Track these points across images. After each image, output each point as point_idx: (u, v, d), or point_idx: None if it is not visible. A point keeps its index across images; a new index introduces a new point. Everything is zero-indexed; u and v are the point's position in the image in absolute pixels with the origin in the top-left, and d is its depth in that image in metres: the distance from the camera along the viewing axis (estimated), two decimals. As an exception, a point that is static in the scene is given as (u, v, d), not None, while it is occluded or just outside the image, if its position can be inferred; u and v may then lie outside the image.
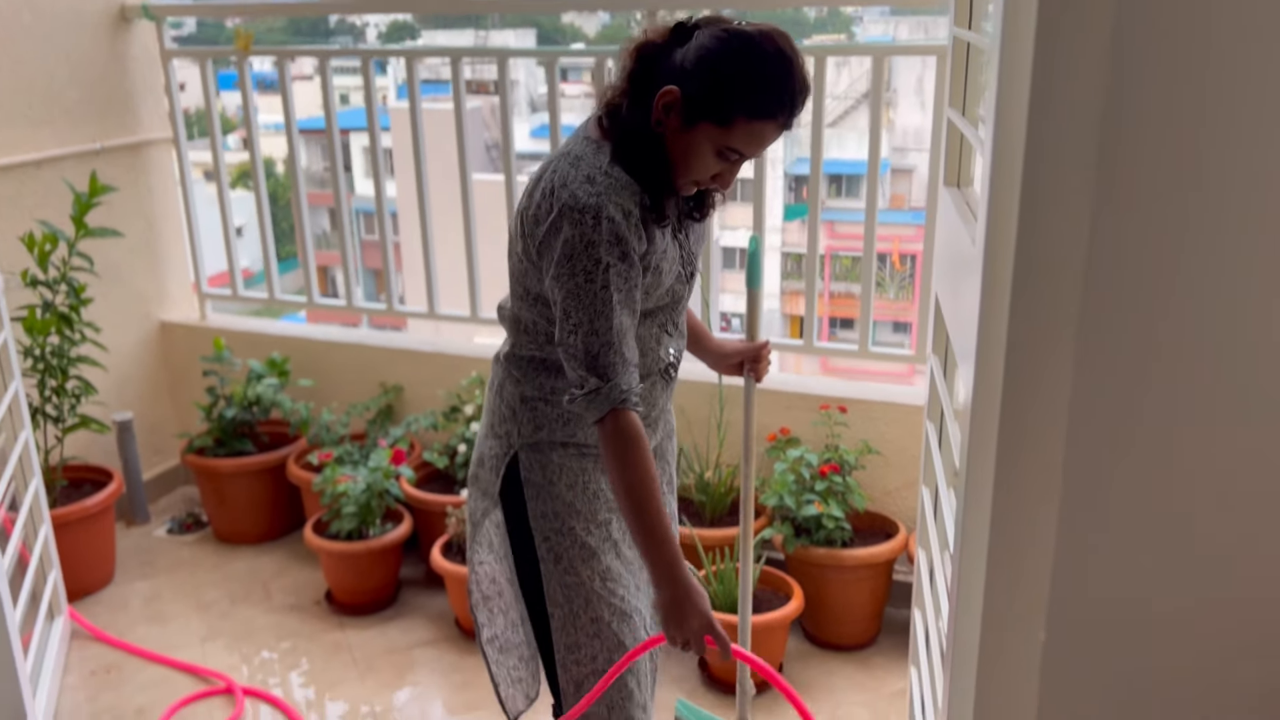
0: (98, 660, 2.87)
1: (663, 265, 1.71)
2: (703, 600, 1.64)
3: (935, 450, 1.90)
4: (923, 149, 20.23)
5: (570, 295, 1.62)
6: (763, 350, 2.10)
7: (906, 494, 2.92)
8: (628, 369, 1.64)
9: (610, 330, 1.62)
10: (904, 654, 2.79)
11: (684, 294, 1.82)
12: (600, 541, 1.82)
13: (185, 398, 3.81)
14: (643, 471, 1.64)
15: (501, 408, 1.83)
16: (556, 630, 1.84)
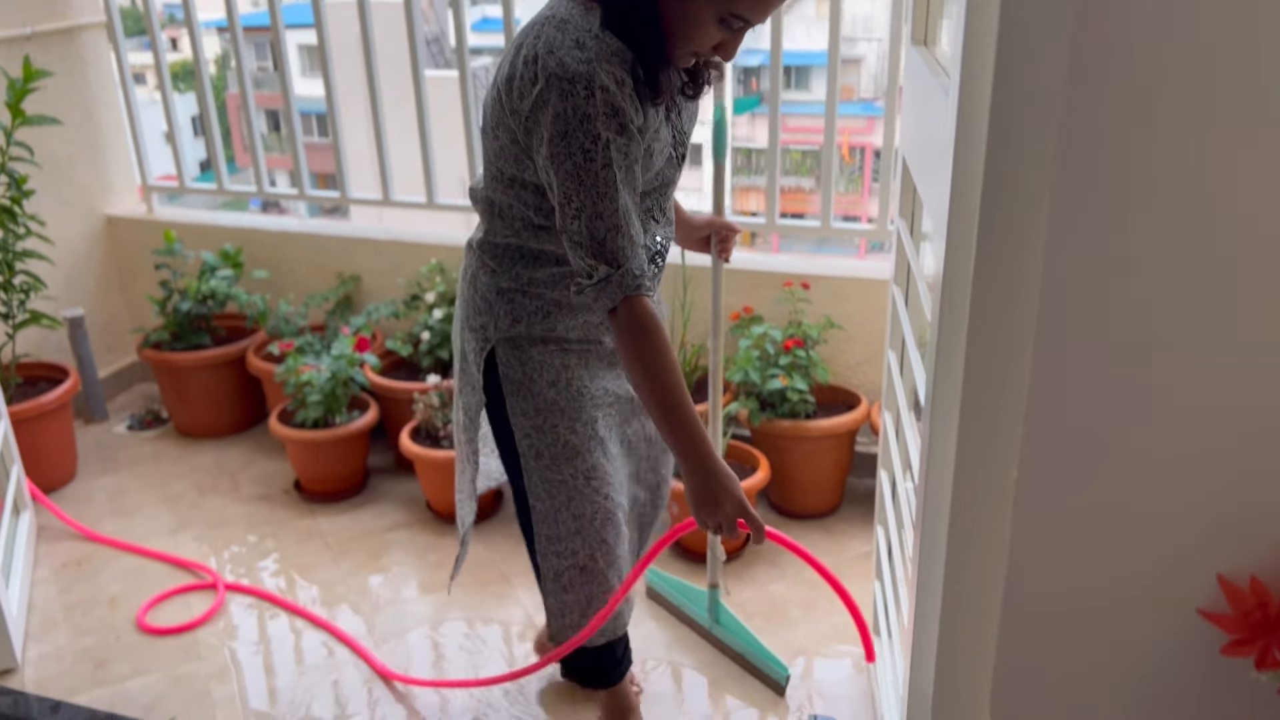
0: (68, 554, 2.87)
1: (654, 145, 1.61)
2: (735, 485, 1.61)
3: (903, 314, 1.93)
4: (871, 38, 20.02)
5: (569, 177, 1.51)
6: (731, 225, 2.08)
7: (867, 367, 2.98)
8: (637, 252, 1.55)
9: (616, 212, 1.52)
10: (866, 520, 2.88)
11: (673, 178, 1.74)
12: (585, 440, 1.78)
13: (137, 293, 3.74)
14: (664, 359, 1.57)
15: (476, 299, 1.77)
16: (538, 522, 1.85)
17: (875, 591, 2.31)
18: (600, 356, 1.82)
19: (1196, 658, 1.30)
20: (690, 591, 2.52)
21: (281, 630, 2.55)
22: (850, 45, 16.90)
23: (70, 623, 2.58)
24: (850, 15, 15.66)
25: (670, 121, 1.66)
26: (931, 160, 1.55)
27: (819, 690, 2.29)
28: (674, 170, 1.72)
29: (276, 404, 3.24)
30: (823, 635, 2.46)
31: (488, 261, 1.74)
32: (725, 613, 2.42)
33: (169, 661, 2.44)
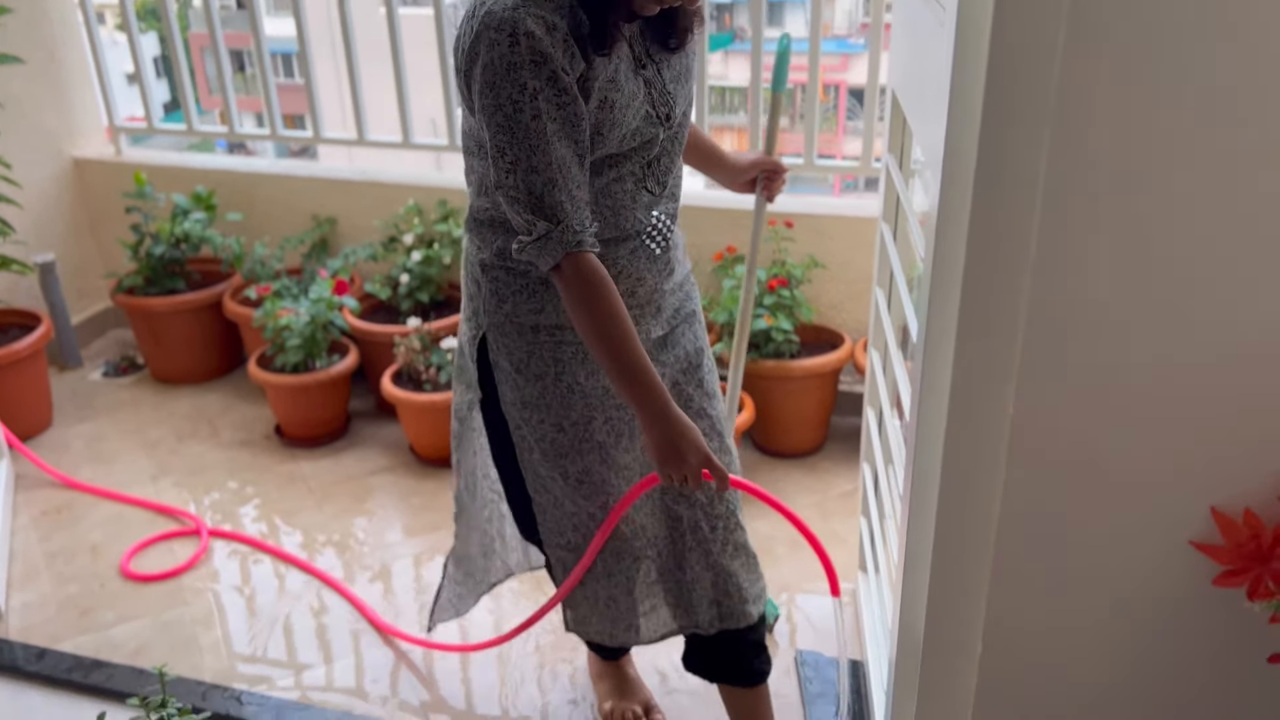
0: (47, 502, 2.84)
1: (615, 99, 1.51)
2: (696, 435, 1.56)
3: (892, 250, 1.92)
4: (847, -28, 19.70)
5: (500, 129, 1.44)
6: (780, 164, 1.98)
7: (851, 306, 2.97)
8: (577, 208, 1.48)
9: (550, 166, 1.45)
10: (849, 458, 2.89)
11: (661, 138, 1.59)
12: (575, 442, 1.69)
13: (108, 237, 3.67)
14: (608, 313, 1.50)
15: (468, 282, 1.70)
16: (539, 512, 1.80)
17: (861, 528, 2.32)
18: None
19: (1189, 590, 1.32)
20: None
21: (266, 575, 2.54)
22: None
23: (52, 571, 2.57)
24: (826, -50, 15.43)
25: (642, 76, 1.55)
26: (925, 93, 1.52)
27: (805, 627, 2.31)
28: (658, 129, 1.58)
29: (255, 349, 3.20)
30: (808, 573, 2.47)
31: (474, 238, 1.67)
32: None
33: (154, 608, 2.43)
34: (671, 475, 1.58)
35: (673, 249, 1.69)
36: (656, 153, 1.61)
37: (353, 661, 2.26)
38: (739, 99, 18.94)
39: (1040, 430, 1.29)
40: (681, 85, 1.62)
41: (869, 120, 2.81)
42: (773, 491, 2.77)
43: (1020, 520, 1.35)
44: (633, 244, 1.62)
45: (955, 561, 1.46)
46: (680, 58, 1.62)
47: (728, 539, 1.80)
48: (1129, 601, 1.36)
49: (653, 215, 1.63)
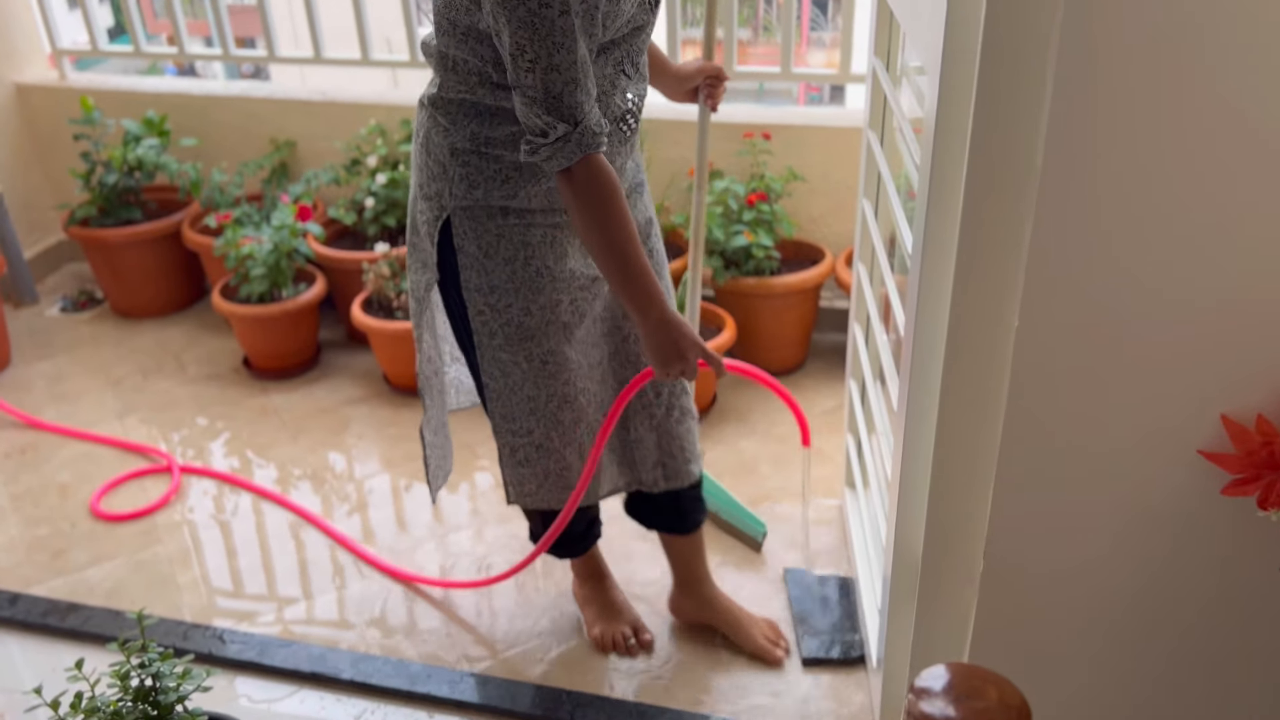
0: (9, 443, 2.76)
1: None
2: (691, 331, 1.61)
3: (881, 159, 1.85)
4: (810, -124, 19.20)
5: (522, 25, 1.38)
6: (720, 70, 1.93)
7: (831, 220, 2.91)
8: (594, 109, 1.46)
9: (574, 64, 1.41)
10: (832, 375, 2.86)
11: (647, 24, 1.58)
12: (542, 324, 1.69)
13: (58, 167, 3.52)
14: (618, 218, 1.50)
15: (430, 163, 1.64)
16: (491, 399, 1.78)
17: (847, 445, 2.30)
18: (570, 231, 1.67)
19: (1198, 502, 1.29)
20: None
21: (242, 511, 2.48)
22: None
23: (20, 513, 2.50)
24: None
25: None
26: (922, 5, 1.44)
27: (791, 544, 2.29)
28: (647, 15, 1.57)
29: (218, 279, 3.10)
30: (793, 490, 2.45)
31: (440, 119, 1.61)
32: (705, 475, 2.41)
33: (129, 548, 2.37)
34: (670, 371, 1.61)
35: (637, 127, 1.68)
36: (641, 39, 1.58)
37: (335, 596, 2.22)
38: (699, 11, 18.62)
39: (1044, 340, 1.25)
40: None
41: (848, 23, 2.71)
42: (757, 412, 2.74)
43: (1024, 433, 1.31)
44: (612, 127, 1.60)
45: (956, 476, 1.43)
46: None
47: (673, 404, 1.87)
48: (1136, 515, 1.34)
49: (628, 98, 1.61)
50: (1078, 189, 1.16)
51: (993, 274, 1.27)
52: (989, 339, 1.30)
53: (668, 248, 2.94)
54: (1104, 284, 1.21)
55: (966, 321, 1.31)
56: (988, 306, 1.29)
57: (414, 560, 2.31)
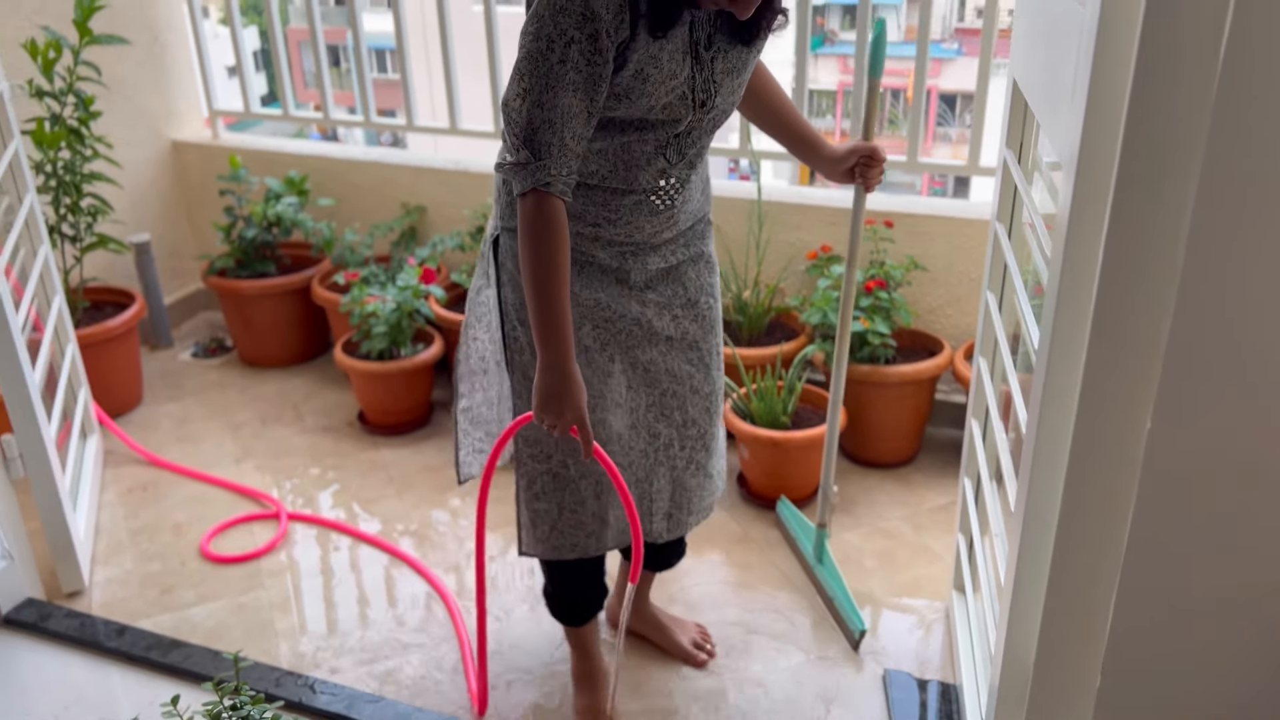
0: (133, 479, 2.87)
1: (651, 74, 1.55)
2: (581, 395, 1.65)
3: (1009, 252, 1.81)
4: (944, -24, 19.33)
5: (529, 57, 1.51)
6: (877, 150, 1.94)
7: (951, 311, 2.85)
8: (564, 155, 1.54)
9: (555, 109, 1.51)
10: (945, 471, 2.77)
11: (689, 119, 1.63)
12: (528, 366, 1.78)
13: (203, 219, 3.71)
14: (549, 257, 1.58)
15: (499, 183, 1.76)
16: (517, 415, 1.84)
17: (958, 545, 2.21)
18: (602, 269, 1.75)
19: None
20: (806, 527, 2.45)
21: (343, 562, 2.52)
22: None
23: (136, 548, 2.58)
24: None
25: (696, 60, 1.58)
26: (1057, 86, 1.42)
27: (891, 644, 2.20)
28: (687, 111, 1.61)
29: (341, 334, 3.20)
30: (897, 587, 2.37)
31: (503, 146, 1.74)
32: (828, 555, 2.36)
33: (233, 589, 2.42)
34: (543, 420, 1.66)
35: (678, 207, 1.74)
36: (683, 130, 1.65)
37: (426, 655, 2.21)
38: (828, 103, 18.74)
39: (1180, 445, 1.18)
40: (733, 78, 1.65)
41: (979, 114, 2.69)
42: (863, 504, 2.67)
43: (1152, 543, 1.24)
44: (638, 198, 1.69)
45: (1074, 584, 1.35)
46: (742, 51, 1.64)
47: (691, 458, 1.92)
48: (1271, 629, 1.24)
49: (663, 180, 1.69)
50: (1221, 289, 1.11)
51: (1125, 374, 1.21)
52: (1118, 442, 1.24)
53: (780, 329, 2.93)
54: (1246, 390, 1.14)
55: (1094, 423, 1.26)
56: (1118, 408, 1.23)
57: (506, 630, 2.29)
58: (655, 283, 1.79)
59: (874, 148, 1.93)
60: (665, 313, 1.80)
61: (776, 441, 2.54)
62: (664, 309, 1.80)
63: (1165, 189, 1.12)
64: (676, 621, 2.22)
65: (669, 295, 1.80)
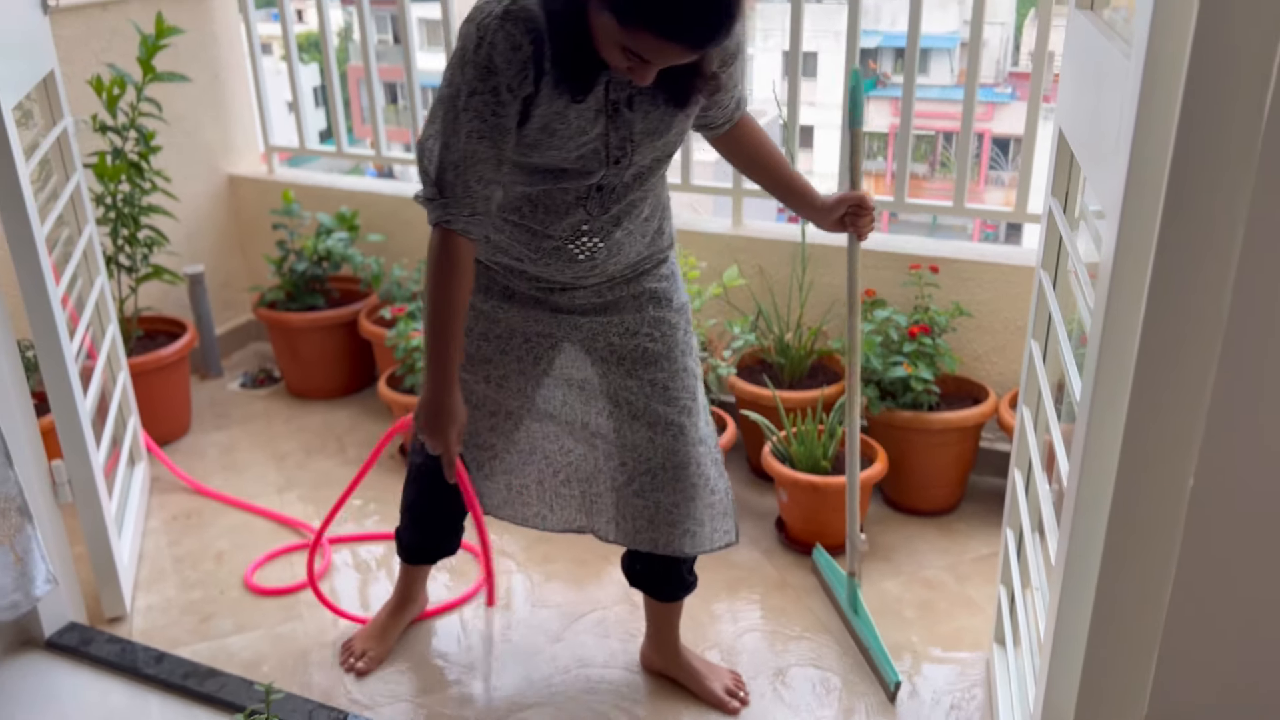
0: (178, 506, 2.91)
1: (558, 129, 1.61)
2: (449, 424, 1.77)
3: (1053, 301, 1.79)
4: (994, 22, 19.37)
5: (440, 102, 1.62)
6: (865, 199, 1.98)
7: (996, 358, 2.82)
8: (469, 196, 1.63)
9: (459, 153, 1.61)
10: (988, 520, 2.73)
11: (602, 174, 1.68)
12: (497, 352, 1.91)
13: (256, 252, 3.78)
14: (446, 291, 1.69)
15: None
16: None
17: (999, 597, 2.17)
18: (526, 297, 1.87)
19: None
20: (840, 576, 2.42)
21: (382, 596, 2.52)
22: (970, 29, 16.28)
23: (179, 575, 2.61)
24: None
25: (611, 117, 1.64)
26: (1102, 134, 1.41)
27: (929, 696, 2.16)
28: (600, 166, 1.67)
29: (386, 368, 3.23)
30: (937, 638, 2.33)
31: None
32: (861, 604, 2.33)
33: (271, 619, 2.44)
34: (419, 428, 1.81)
35: (600, 260, 1.79)
36: (599, 184, 1.71)
37: (459, 690, 2.21)
38: (879, 145, 18.73)
39: (1222, 503, 1.16)
40: (655, 138, 1.69)
41: (1026, 161, 2.67)
42: (904, 552, 2.63)
43: (1194, 602, 1.21)
44: (556, 244, 1.76)
45: (1115, 642, 1.32)
46: (666, 113, 1.68)
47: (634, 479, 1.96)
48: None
49: (584, 229, 1.75)
50: (1266, 343, 1.08)
51: (1168, 429, 1.19)
52: (1160, 498, 1.22)
53: (822, 372, 2.91)
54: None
55: (1136, 477, 1.23)
56: (1160, 463, 1.21)
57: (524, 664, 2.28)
58: (587, 311, 1.87)
59: (861, 196, 1.96)
60: (600, 337, 1.89)
61: (816, 486, 2.52)
62: (599, 334, 1.88)
63: (1210, 238, 1.11)
64: (710, 667, 2.21)
65: (603, 323, 1.88)
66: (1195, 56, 1.05)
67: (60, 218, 2.57)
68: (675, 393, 1.91)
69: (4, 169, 2.07)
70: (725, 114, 1.89)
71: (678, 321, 1.91)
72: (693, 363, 1.94)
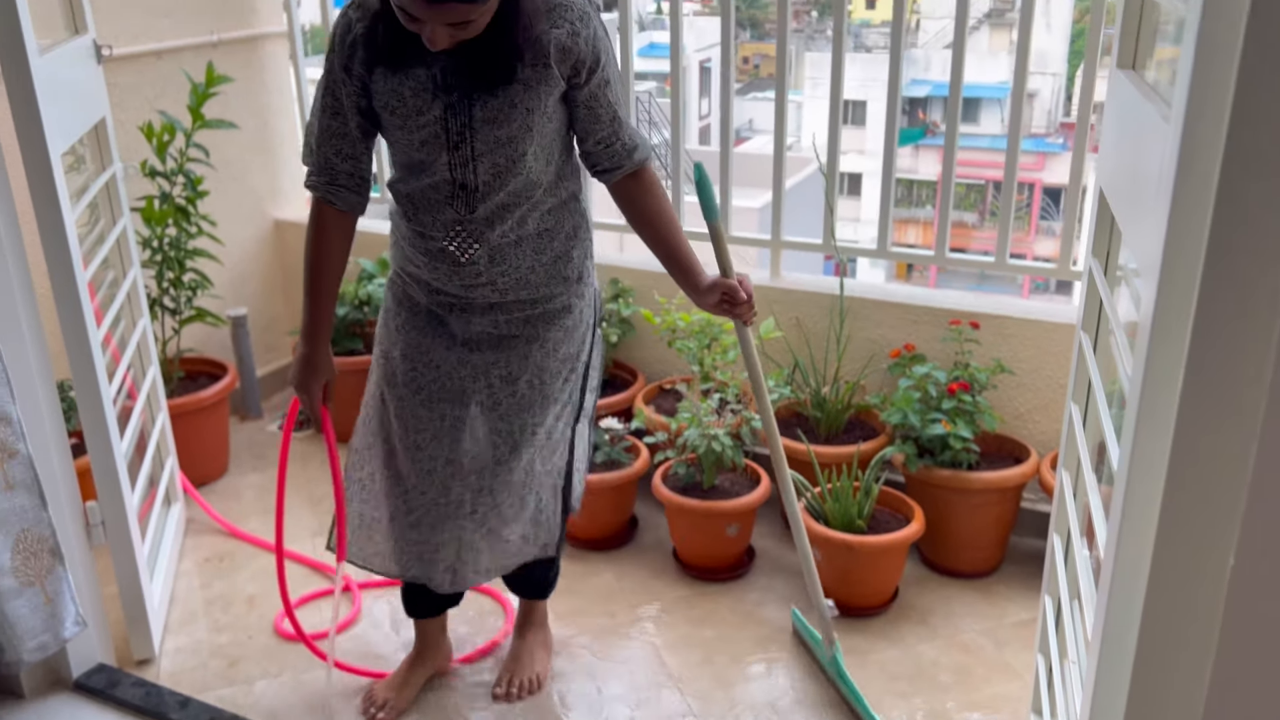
0: (211, 549, 2.92)
1: (396, 106, 1.75)
2: (318, 377, 2.03)
3: (1092, 363, 1.74)
4: (1045, 72, 19.31)
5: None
6: (733, 288, 1.93)
7: (1039, 416, 2.75)
8: (330, 170, 1.86)
9: (318, 128, 1.84)
10: (1029, 584, 2.65)
11: (448, 165, 1.79)
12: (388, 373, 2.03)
13: (298, 295, 3.81)
14: (313, 252, 1.92)
15: None
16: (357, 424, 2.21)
17: (1037, 665, 2.10)
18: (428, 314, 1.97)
19: None
20: (818, 640, 2.37)
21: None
22: (1025, 79, 16.25)
23: (209, 618, 2.61)
24: (1027, 48, 15.03)
25: (444, 100, 1.74)
26: (1141, 193, 1.37)
27: (968, 768, 2.09)
28: (442, 153, 1.78)
29: (421, 414, 3.23)
30: (973, 704, 2.26)
31: None
32: (841, 668, 2.27)
33: (296, 666, 2.43)
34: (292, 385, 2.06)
35: (482, 266, 1.87)
36: (461, 182, 1.80)
37: (482, 747, 2.18)
38: (928, 193, 18.66)
39: (1266, 585, 1.10)
40: (495, 128, 1.76)
41: (1070, 218, 2.63)
42: (940, 615, 2.57)
43: (1233, 686, 1.15)
44: (439, 244, 1.86)
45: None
46: (504, 103, 1.74)
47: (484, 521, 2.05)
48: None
49: (457, 229, 1.84)
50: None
51: (1208, 502, 1.14)
52: (1199, 575, 1.17)
53: (859, 428, 2.86)
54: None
55: (1174, 552, 1.18)
56: (1200, 538, 1.16)
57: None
58: (479, 344, 1.94)
59: (731, 285, 1.92)
60: (481, 378, 1.95)
61: (851, 545, 2.47)
62: (480, 374, 1.95)
63: (1253, 299, 1.06)
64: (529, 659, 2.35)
65: (489, 362, 1.95)
66: (1235, 119, 1.02)
67: (106, 260, 2.61)
68: (532, 436, 2.01)
69: (50, 214, 2.11)
70: (612, 159, 1.89)
71: (559, 372, 1.99)
72: (560, 408, 2.03)
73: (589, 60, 1.77)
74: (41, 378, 2.13)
